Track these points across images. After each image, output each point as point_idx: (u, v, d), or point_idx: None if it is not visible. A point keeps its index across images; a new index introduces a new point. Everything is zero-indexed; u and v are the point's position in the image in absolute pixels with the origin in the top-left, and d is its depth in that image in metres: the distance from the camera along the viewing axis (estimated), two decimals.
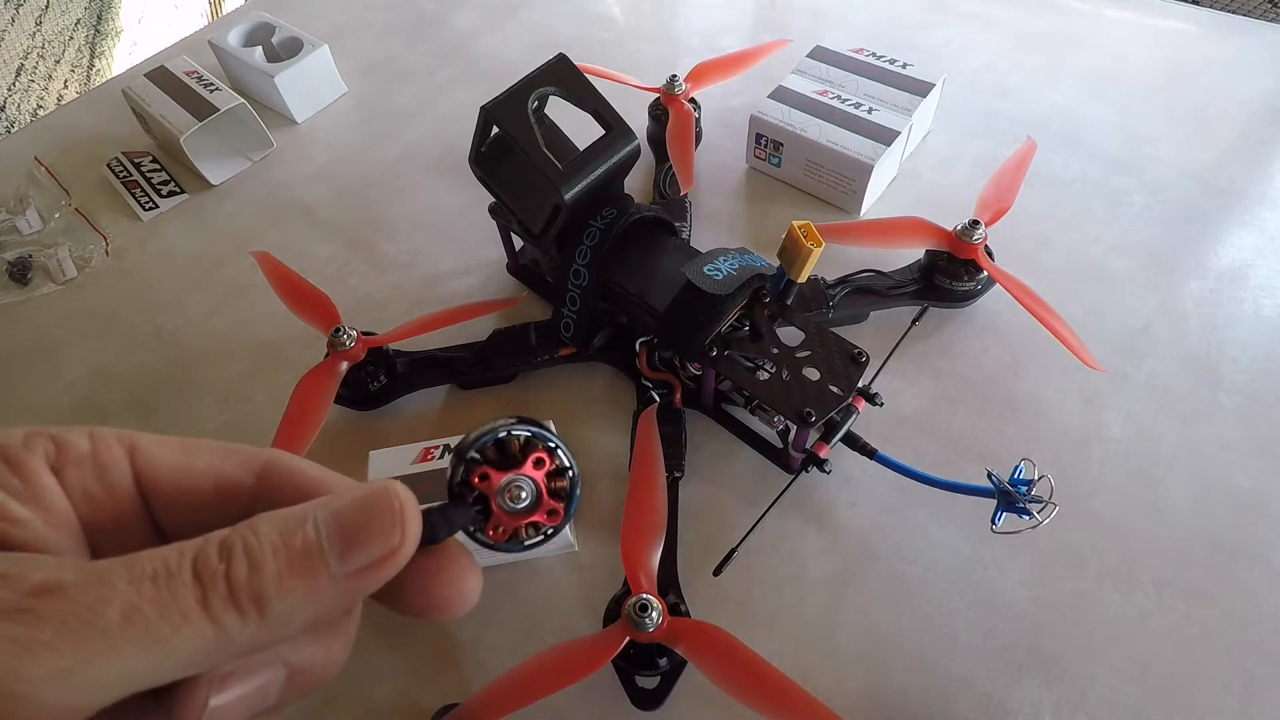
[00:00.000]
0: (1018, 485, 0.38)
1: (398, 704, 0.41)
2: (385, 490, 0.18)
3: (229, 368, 0.55)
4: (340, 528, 0.17)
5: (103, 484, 0.19)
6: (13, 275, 0.61)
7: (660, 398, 0.47)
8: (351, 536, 0.17)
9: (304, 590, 0.17)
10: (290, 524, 0.17)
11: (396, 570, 0.18)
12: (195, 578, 0.16)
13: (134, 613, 0.15)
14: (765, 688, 0.34)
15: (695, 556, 0.43)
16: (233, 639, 0.16)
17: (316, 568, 0.17)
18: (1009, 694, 0.39)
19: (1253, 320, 0.51)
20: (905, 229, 0.52)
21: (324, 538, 0.17)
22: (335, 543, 0.17)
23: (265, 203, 0.65)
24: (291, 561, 0.17)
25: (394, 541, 0.18)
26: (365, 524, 0.18)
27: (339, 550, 0.17)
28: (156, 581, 0.16)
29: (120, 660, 0.15)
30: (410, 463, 0.43)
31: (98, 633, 0.15)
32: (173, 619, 0.15)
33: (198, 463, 0.20)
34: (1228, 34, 0.70)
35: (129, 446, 0.19)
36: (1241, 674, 0.39)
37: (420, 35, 0.78)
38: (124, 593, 0.15)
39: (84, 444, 0.18)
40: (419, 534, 0.18)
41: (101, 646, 0.15)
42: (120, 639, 0.15)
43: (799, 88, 0.60)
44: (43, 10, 1.18)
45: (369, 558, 0.17)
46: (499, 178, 0.48)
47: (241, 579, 0.16)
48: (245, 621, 0.16)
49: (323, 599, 0.17)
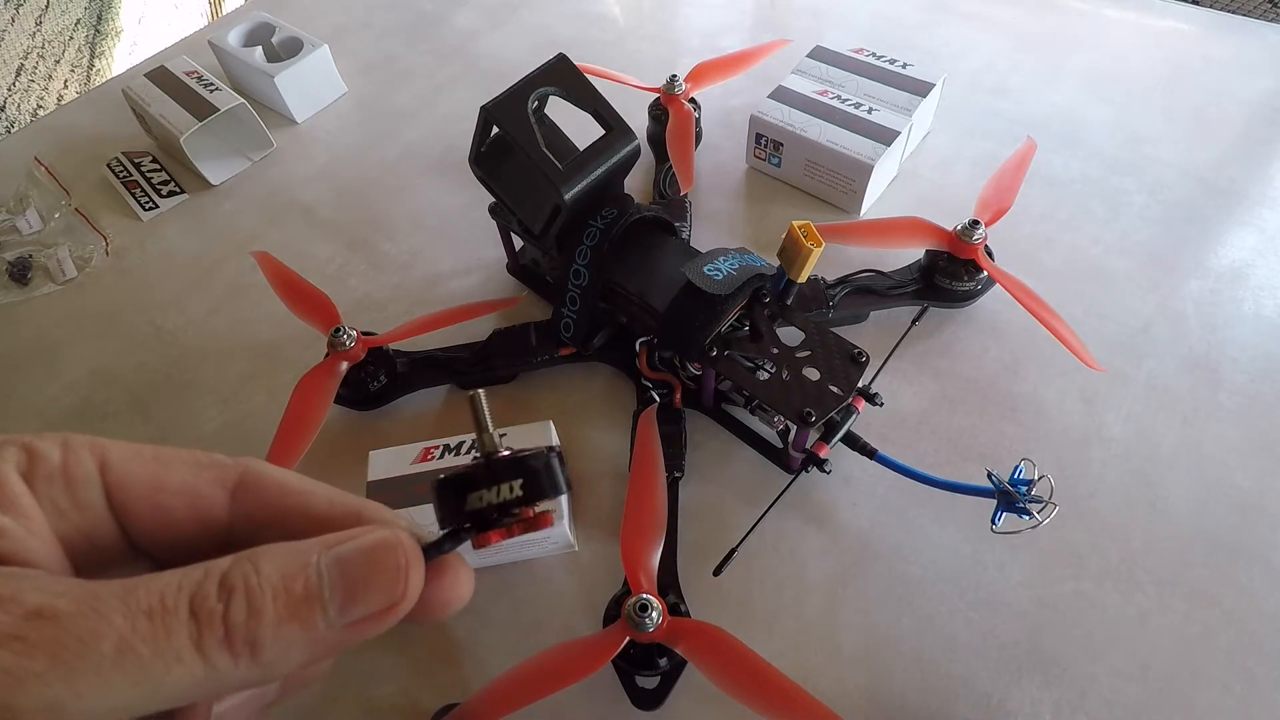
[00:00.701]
0: (1018, 485, 0.38)
1: (398, 703, 0.41)
2: (393, 545, 0.18)
3: (229, 368, 0.55)
4: (343, 576, 0.17)
5: (72, 498, 0.18)
6: (13, 275, 0.61)
7: (660, 398, 0.47)
8: (353, 587, 0.17)
9: (300, 638, 0.17)
10: (293, 566, 0.17)
11: (394, 623, 0.18)
12: (191, 616, 0.16)
13: (128, 649, 0.15)
14: (765, 688, 0.34)
15: (695, 556, 0.43)
16: (223, 680, 0.16)
17: (315, 616, 0.17)
18: (1009, 694, 0.39)
19: (1253, 320, 0.51)
20: (905, 229, 0.52)
21: (325, 585, 0.17)
22: (337, 592, 0.17)
23: (265, 203, 0.65)
24: (291, 607, 0.17)
25: (396, 596, 0.18)
26: (369, 576, 0.17)
27: (340, 601, 0.17)
28: (152, 618, 0.15)
29: (111, 695, 0.15)
30: (410, 463, 0.43)
31: (90, 666, 0.15)
32: (165, 657, 0.15)
33: (171, 479, 0.19)
34: (1228, 34, 0.70)
35: (100, 460, 0.19)
36: (1241, 674, 0.39)
37: (420, 35, 0.78)
38: (119, 626, 0.15)
39: (55, 454, 0.18)
40: (420, 588, 0.18)
41: (93, 681, 0.15)
42: (112, 673, 0.15)
43: (799, 88, 0.60)
44: (43, 10, 1.18)
45: (368, 610, 0.17)
46: (499, 178, 0.48)
47: (239, 623, 0.16)
48: (237, 664, 0.16)
49: (317, 647, 0.17)
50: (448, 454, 0.43)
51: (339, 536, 0.18)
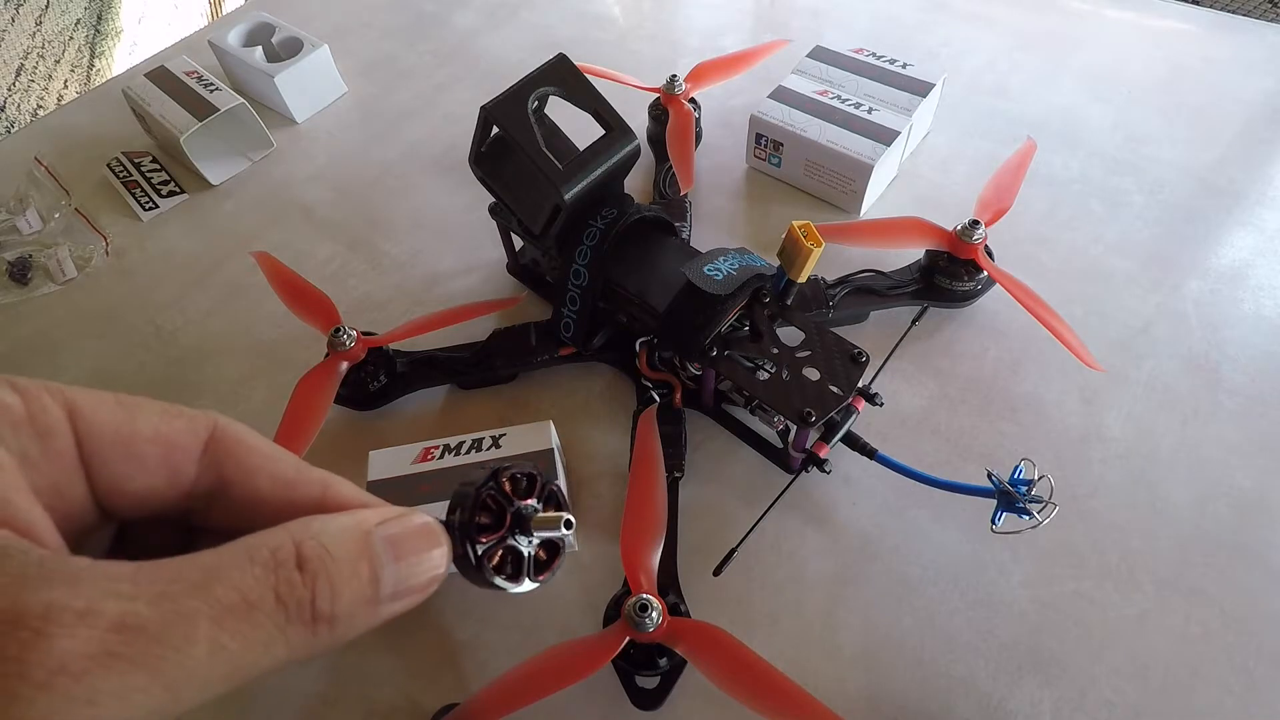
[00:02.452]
0: (1018, 485, 0.38)
1: (398, 704, 0.41)
2: (435, 529, 0.20)
3: (229, 368, 0.55)
4: (396, 557, 0.18)
5: (42, 447, 0.17)
6: (13, 275, 0.61)
7: (660, 398, 0.47)
8: (404, 564, 0.18)
9: (365, 610, 0.18)
10: (357, 547, 0.18)
11: (427, 595, 0.19)
12: (279, 604, 0.16)
13: (219, 649, 0.15)
14: (765, 688, 0.34)
15: (695, 556, 0.43)
16: (298, 656, 0.17)
17: (378, 594, 0.18)
18: (1009, 694, 0.39)
19: (1253, 320, 0.51)
20: (905, 229, 0.52)
21: (382, 565, 0.18)
22: (391, 566, 0.18)
23: (265, 203, 0.65)
24: (362, 586, 0.18)
25: (436, 573, 0.19)
26: (416, 556, 0.19)
27: (393, 574, 0.18)
28: (238, 615, 0.16)
29: (203, 692, 0.15)
30: (410, 463, 0.43)
31: (187, 675, 0.15)
32: (255, 650, 0.16)
33: (141, 425, 0.19)
34: (1228, 34, 0.70)
35: (67, 406, 0.18)
36: (1241, 674, 0.39)
37: (420, 35, 0.78)
38: (208, 630, 0.15)
39: (15, 401, 0.17)
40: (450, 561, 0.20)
41: (189, 686, 0.15)
42: (205, 673, 0.15)
43: (799, 88, 0.60)
44: (43, 10, 1.18)
45: (411, 587, 0.19)
46: (499, 178, 0.48)
47: (325, 610, 0.17)
48: (316, 640, 0.17)
49: (375, 618, 0.18)
50: (448, 454, 0.43)
51: (383, 516, 0.19)
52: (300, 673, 0.42)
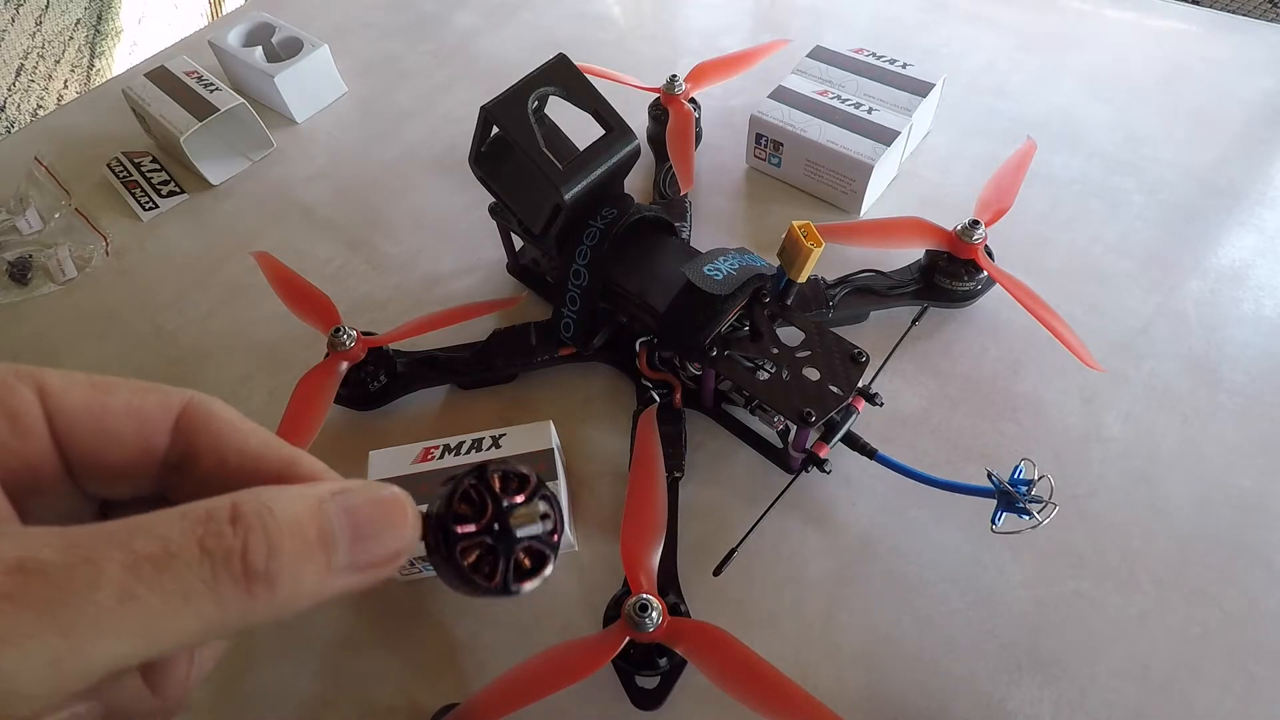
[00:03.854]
0: (1018, 485, 0.38)
1: (398, 704, 0.41)
2: (399, 500, 0.18)
3: (229, 368, 0.55)
4: (352, 524, 0.17)
5: (14, 429, 0.17)
6: (13, 275, 0.61)
7: (660, 398, 0.47)
8: (361, 535, 0.17)
9: (313, 577, 0.17)
10: (305, 511, 0.17)
11: (393, 571, 0.18)
12: (204, 554, 0.15)
13: (129, 596, 0.14)
14: (765, 688, 0.34)
15: (695, 556, 0.43)
16: (236, 619, 0.16)
17: (329, 554, 0.17)
18: (1009, 694, 0.39)
19: (1253, 320, 0.51)
20: (905, 229, 0.52)
21: (336, 526, 0.17)
22: (345, 536, 0.17)
23: (265, 203, 0.65)
24: (306, 547, 0.16)
25: (402, 541, 0.18)
26: (376, 525, 0.18)
27: (348, 545, 0.17)
28: (157, 565, 0.15)
29: (113, 645, 0.14)
30: (410, 463, 0.43)
31: (87, 619, 0.14)
32: (174, 601, 0.15)
33: (114, 402, 0.19)
34: (1228, 34, 0.70)
35: (38, 386, 0.18)
36: (1241, 674, 0.39)
37: (420, 35, 0.78)
38: (118, 576, 0.14)
39: None
40: (416, 542, 0.19)
41: (91, 634, 0.14)
42: (113, 623, 0.14)
43: (799, 88, 0.60)
44: (43, 10, 1.18)
45: (373, 557, 0.18)
46: (499, 178, 0.48)
47: (259, 560, 0.16)
48: (254, 602, 0.16)
49: (326, 587, 0.17)
50: (448, 454, 0.43)
51: (344, 485, 0.18)
52: (299, 673, 0.42)
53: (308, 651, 0.42)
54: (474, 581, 0.19)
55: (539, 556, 0.21)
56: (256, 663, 0.42)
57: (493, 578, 0.20)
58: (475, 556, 0.19)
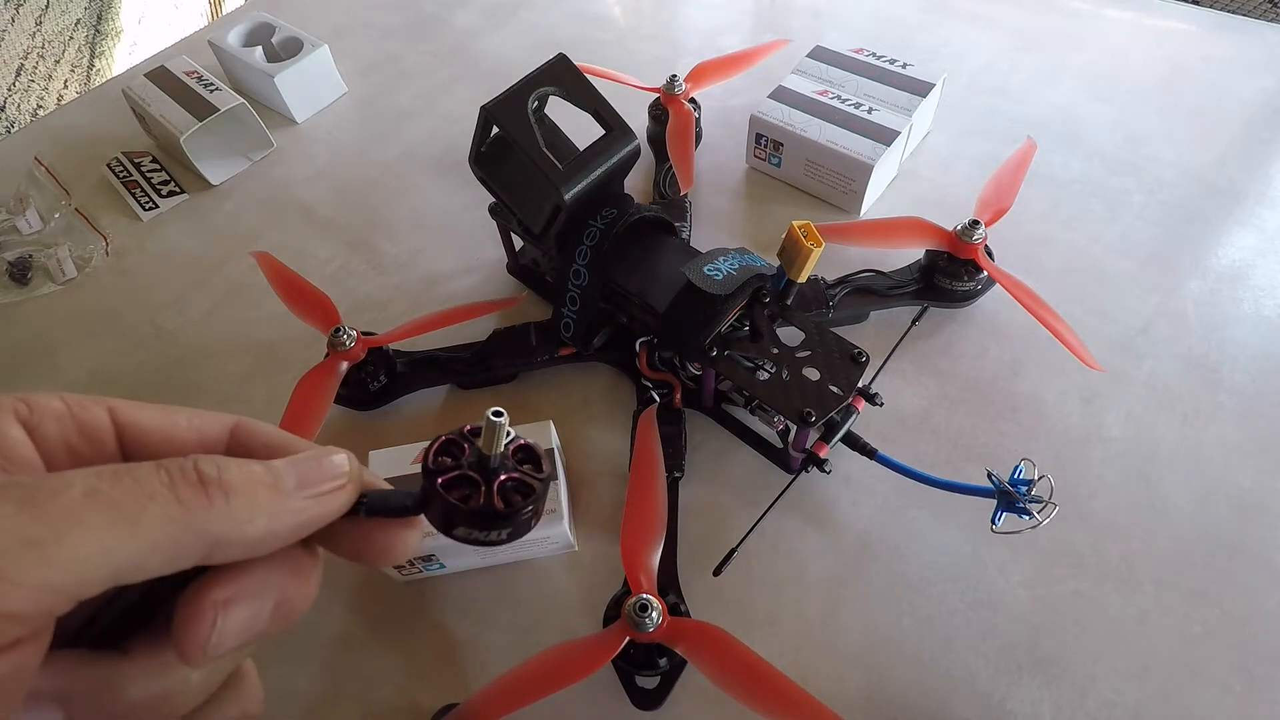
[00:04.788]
0: (1018, 485, 0.38)
1: (398, 704, 0.41)
2: (335, 451, 0.21)
3: (229, 368, 0.55)
4: (296, 467, 0.20)
5: (85, 437, 0.19)
6: (13, 275, 0.61)
7: (660, 398, 0.47)
8: (305, 474, 0.20)
9: (264, 495, 0.18)
10: (253, 461, 0.19)
11: (343, 502, 0.20)
12: (160, 468, 0.17)
13: (95, 492, 0.16)
14: (765, 688, 0.34)
15: (695, 556, 0.43)
16: (198, 521, 0.17)
17: (278, 485, 0.19)
18: (1009, 694, 0.39)
19: (1253, 320, 0.51)
20: (905, 229, 0.52)
21: (282, 469, 0.19)
22: (291, 474, 0.19)
23: (265, 203, 0.65)
24: (255, 475, 0.19)
25: (341, 480, 0.20)
26: (319, 466, 0.20)
27: (295, 480, 0.19)
28: (119, 474, 0.17)
29: (88, 535, 0.16)
30: (410, 463, 0.43)
31: (61, 508, 0.15)
32: (138, 497, 0.16)
33: (179, 418, 0.21)
34: (1228, 34, 0.70)
35: (107, 407, 0.20)
36: (1241, 674, 0.39)
37: (420, 35, 0.78)
38: (84, 480, 0.16)
39: (57, 404, 0.19)
40: (359, 480, 0.21)
41: (66, 519, 0.15)
42: (85, 511, 0.16)
43: (799, 88, 0.60)
44: (43, 10, 1.18)
45: (320, 487, 0.20)
46: (499, 178, 0.48)
47: (211, 473, 0.18)
48: (211, 504, 0.17)
49: (282, 511, 0.19)
50: None
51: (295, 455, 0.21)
52: (299, 673, 0.42)
53: (308, 651, 0.42)
54: (462, 509, 0.21)
55: (525, 488, 0.22)
56: (257, 663, 0.42)
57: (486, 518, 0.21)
58: (463, 494, 0.21)
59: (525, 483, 0.22)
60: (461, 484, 0.21)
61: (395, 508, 0.21)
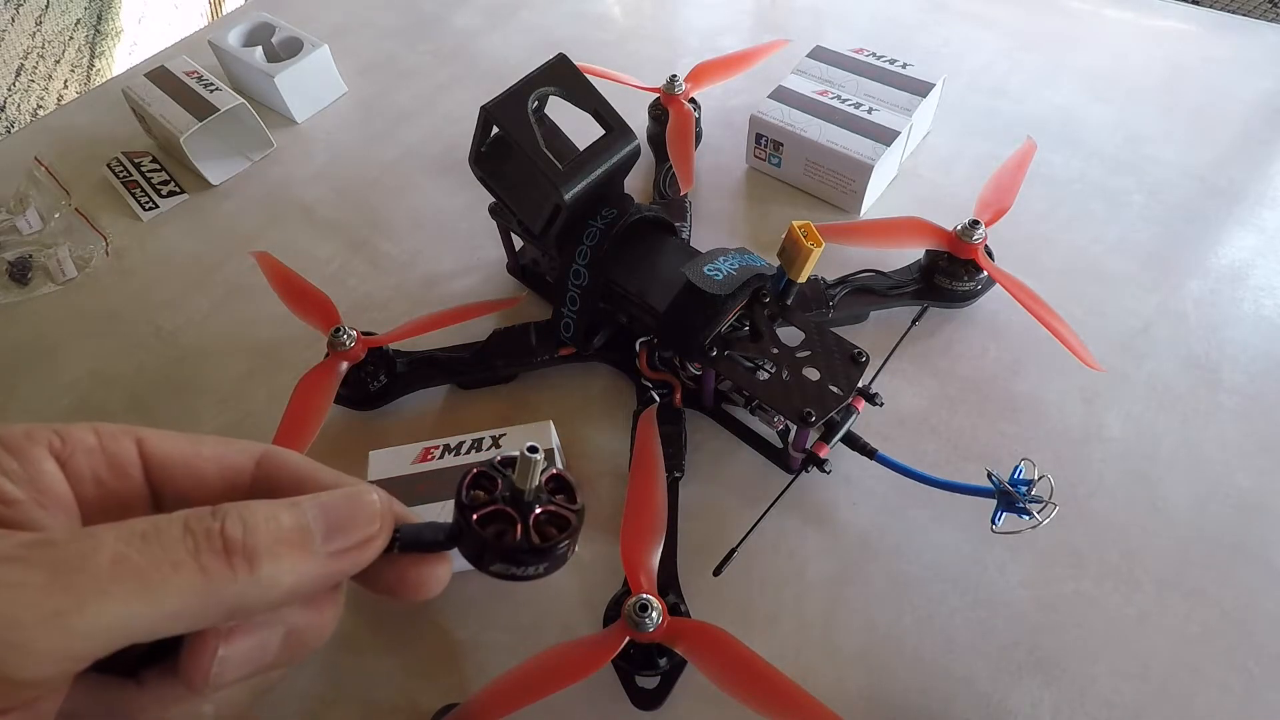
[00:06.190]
0: (1018, 485, 0.38)
1: (398, 704, 0.41)
2: (367, 493, 0.20)
3: (229, 368, 0.55)
4: (326, 515, 0.19)
5: (113, 469, 0.20)
6: (13, 275, 0.61)
7: (660, 398, 0.47)
8: (335, 522, 0.19)
9: (291, 557, 0.18)
10: (281, 507, 0.19)
11: (373, 555, 0.20)
12: (187, 532, 0.17)
13: (123, 560, 0.16)
14: (765, 688, 0.34)
15: (695, 556, 0.43)
16: (220, 591, 0.17)
17: (305, 541, 0.19)
18: (1009, 694, 0.39)
19: (1253, 320, 0.51)
20: (905, 229, 0.52)
21: (311, 519, 0.19)
22: (320, 523, 0.19)
23: (265, 203, 0.65)
24: (282, 532, 0.18)
25: (372, 530, 0.20)
26: (349, 514, 0.20)
27: (324, 530, 0.19)
28: (146, 537, 0.17)
29: (111, 605, 0.16)
30: (410, 463, 0.43)
31: (88, 578, 0.16)
32: (162, 568, 0.16)
33: (204, 449, 0.21)
34: (1228, 34, 0.70)
35: (135, 438, 0.20)
36: (1241, 674, 0.39)
37: (420, 35, 0.78)
38: (113, 545, 0.16)
39: (90, 437, 0.20)
40: (392, 527, 0.20)
41: (92, 591, 0.16)
42: (110, 583, 0.16)
43: (799, 88, 0.60)
44: (43, 10, 1.18)
45: (348, 541, 0.19)
46: (499, 178, 0.48)
47: (236, 537, 0.17)
48: (235, 576, 0.17)
49: (307, 569, 0.18)
50: (448, 454, 0.43)
51: (323, 492, 0.20)
52: (299, 673, 0.42)
53: None
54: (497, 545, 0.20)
55: (561, 521, 0.21)
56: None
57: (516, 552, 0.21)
58: (498, 530, 0.20)
59: (561, 515, 0.21)
60: (496, 518, 0.21)
61: (429, 543, 0.21)
